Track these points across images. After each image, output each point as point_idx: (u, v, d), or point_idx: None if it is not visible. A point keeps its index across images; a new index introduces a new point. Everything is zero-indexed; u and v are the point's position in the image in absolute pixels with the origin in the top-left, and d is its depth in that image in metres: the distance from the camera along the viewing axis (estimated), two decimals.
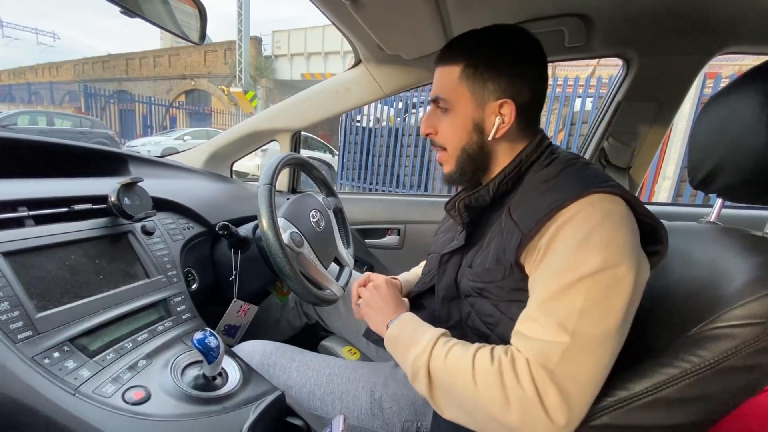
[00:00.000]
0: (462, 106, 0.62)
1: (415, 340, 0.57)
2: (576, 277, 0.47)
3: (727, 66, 4.84)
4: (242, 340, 0.96)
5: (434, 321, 0.80)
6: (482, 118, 0.61)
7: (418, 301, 0.82)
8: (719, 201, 0.69)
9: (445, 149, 0.65)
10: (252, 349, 0.77)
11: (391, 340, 0.62)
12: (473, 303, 0.63)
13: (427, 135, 0.67)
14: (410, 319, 0.63)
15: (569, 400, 0.45)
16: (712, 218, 0.70)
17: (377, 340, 0.88)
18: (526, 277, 0.55)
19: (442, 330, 0.57)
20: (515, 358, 0.48)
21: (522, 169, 0.62)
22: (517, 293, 0.56)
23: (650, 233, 0.54)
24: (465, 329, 0.65)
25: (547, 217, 0.51)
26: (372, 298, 0.71)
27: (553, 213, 0.51)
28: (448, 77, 0.62)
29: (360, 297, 0.75)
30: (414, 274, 0.94)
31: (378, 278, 0.76)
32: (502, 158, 0.64)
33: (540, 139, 0.63)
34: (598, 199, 0.50)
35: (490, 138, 0.61)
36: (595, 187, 0.51)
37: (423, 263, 0.94)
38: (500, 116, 0.60)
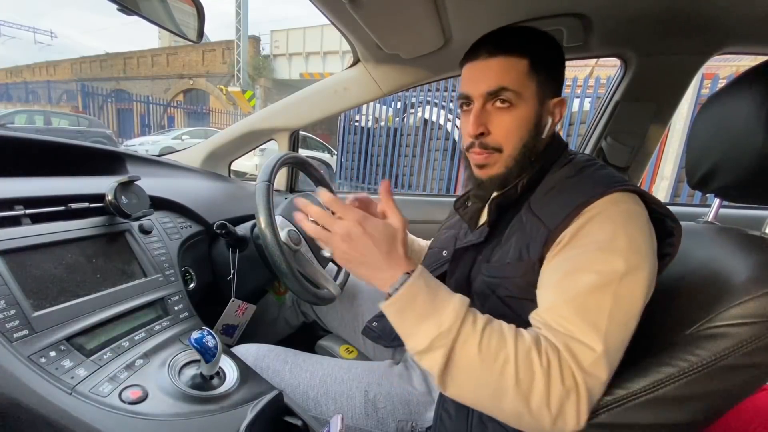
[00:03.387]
0: (529, 101, 0.59)
1: (436, 311, 0.48)
2: (606, 279, 0.47)
3: (725, 66, 4.86)
4: (240, 339, 0.96)
5: None
6: (542, 116, 0.60)
7: None
8: (717, 201, 0.69)
9: (499, 150, 0.61)
10: (245, 352, 0.77)
11: (400, 306, 0.49)
12: (484, 302, 0.61)
13: (479, 135, 0.60)
14: (425, 278, 0.51)
15: (592, 401, 0.46)
16: (710, 218, 0.70)
17: (376, 338, 0.88)
18: None
19: (465, 299, 0.50)
20: (560, 359, 0.46)
21: (545, 168, 0.62)
22: (533, 290, 0.56)
23: (661, 231, 0.55)
24: None
25: (574, 213, 0.52)
26: (351, 248, 0.51)
27: (580, 209, 0.52)
28: (514, 69, 0.58)
29: (322, 240, 0.54)
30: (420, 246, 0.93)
31: (348, 212, 0.52)
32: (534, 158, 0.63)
33: (559, 139, 0.65)
34: (622, 198, 0.52)
35: (543, 136, 0.61)
36: (618, 186, 0.53)
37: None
38: (552, 115, 0.61)
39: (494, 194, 0.66)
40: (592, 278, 0.48)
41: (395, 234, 0.53)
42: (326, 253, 0.54)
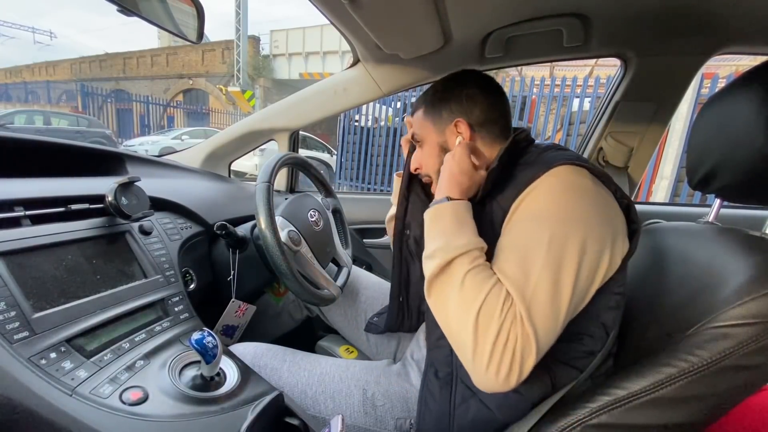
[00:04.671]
0: (429, 137, 0.74)
1: (453, 233, 0.57)
2: (534, 244, 0.52)
3: (725, 66, 4.86)
4: (242, 338, 0.96)
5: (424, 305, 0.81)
6: (445, 140, 0.72)
7: (410, 283, 0.85)
8: (717, 201, 0.69)
9: (430, 177, 0.77)
10: (243, 351, 0.77)
11: (438, 213, 0.60)
12: None
13: (416, 171, 0.79)
14: (466, 211, 0.61)
15: (523, 370, 0.48)
16: (711, 218, 0.70)
17: (380, 331, 0.88)
18: None
19: (481, 244, 0.57)
20: (517, 316, 0.49)
21: (509, 165, 0.67)
22: None
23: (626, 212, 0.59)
24: None
25: (521, 190, 0.57)
26: (464, 165, 0.64)
27: (527, 185, 0.57)
28: (417, 120, 0.77)
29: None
30: None
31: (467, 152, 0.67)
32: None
33: (514, 139, 0.69)
34: (563, 170, 0.56)
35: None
36: (562, 160, 0.57)
37: None
38: (460, 134, 0.70)
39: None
40: (522, 250, 0.52)
41: (473, 175, 0.65)
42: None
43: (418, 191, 0.83)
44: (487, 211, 0.64)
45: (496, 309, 0.49)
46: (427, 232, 0.61)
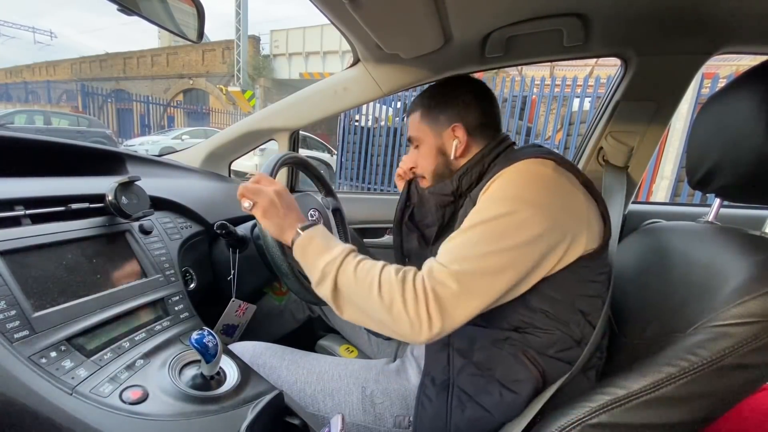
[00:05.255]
0: (426, 140, 0.78)
1: (328, 248, 0.60)
2: (477, 220, 0.56)
3: (725, 66, 4.86)
4: (246, 333, 0.96)
5: None
6: (442, 143, 0.77)
7: None
8: (717, 201, 0.69)
9: (424, 177, 0.81)
10: (241, 350, 0.77)
11: (304, 242, 0.62)
12: None
13: (411, 171, 0.84)
14: (324, 230, 0.65)
15: (445, 309, 0.51)
16: (711, 218, 0.70)
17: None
18: None
19: (353, 247, 0.62)
20: (416, 275, 0.55)
21: (485, 164, 0.72)
22: None
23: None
24: None
25: (489, 182, 0.60)
26: (274, 203, 0.66)
27: (494, 178, 0.60)
28: (413, 122, 0.81)
29: (248, 197, 0.68)
30: None
31: (276, 184, 0.69)
32: None
33: (499, 139, 0.75)
34: (527, 162, 0.59)
35: (452, 157, 0.76)
36: (532, 155, 0.61)
37: None
38: (456, 138, 0.74)
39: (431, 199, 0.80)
40: (471, 221, 0.57)
41: (296, 204, 0.69)
42: (245, 204, 0.67)
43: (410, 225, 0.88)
44: (463, 204, 0.71)
45: (391, 275, 0.54)
46: (305, 263, 0.62)
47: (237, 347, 0.78)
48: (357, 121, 6.37)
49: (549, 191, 0.57)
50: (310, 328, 1.24)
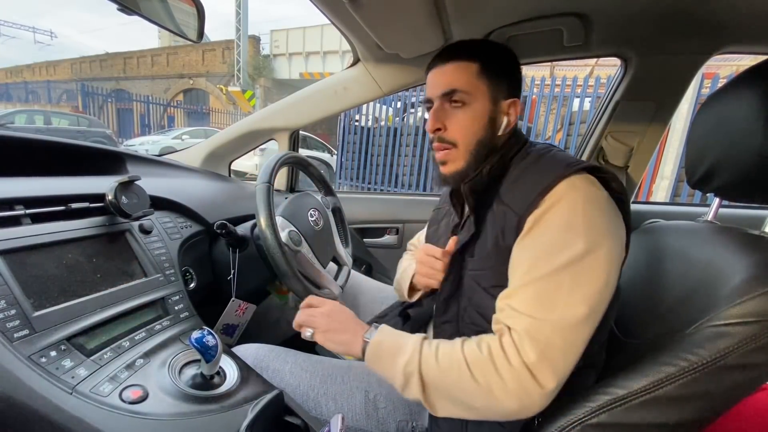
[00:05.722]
0: (480, 100, 0.64)
1: (400, 346, 0.57)
2: (563, 260, 0.51)
3: (725, 66, 4.85)
4: (241, 339, 0.96)
5: (431, 318, 0.80)
6: (496, 114, 0.65)
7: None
8: (717, 200, 0.69)
9: (455, 145, 0.66)
10: (245, 353, 0.77)
11: (375, 350, 0.59)
12: (471, 296, 0.64)
13: (435, 131, 0.66)
14: (387, 328, 0.62)
15: (556, 367, 0.49)
16: (710, 217, 0.70)
17: None
18: None
19: (421, 334, 0.60)
20: (503, 334, 0.52)
21: (506, 159, 0.66)
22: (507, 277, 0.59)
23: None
24: (460, 324, 0.65)
25: (538, 198, 0.55)
26: (330, 321, 0.66)
27: (543, 194, 0.55)
28: (465, 72, 0.64)
29: (306, 325, 0.67)
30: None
31: (324, 302, 0.70)
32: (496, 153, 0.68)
33: (519, 133, 0.69)
34: (580, 182, 0.56)
35: (500, 133, 0.66)
36: (574, 168, 0.56)
37: (406, 262, 0.94)
38: (507, 115, 0.65)
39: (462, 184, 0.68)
40: (553, 262, 0.52)
41: (351, 313, 0.68)
42: (307, 333, 0.67)
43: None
44: (495, 212, 0.62)
45: (476, 353, 0.52)
46: (384, 372, 0.59)
47: (240, 350, 0.78)
48: (357, 121, 6.37)
49: (606, 214, 0.55)
50: None
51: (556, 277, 0.51)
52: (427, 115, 0.69)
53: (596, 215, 0.54)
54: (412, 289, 0.85)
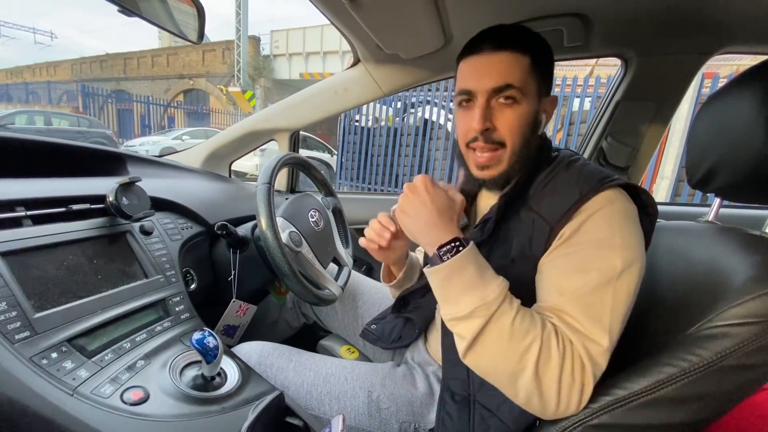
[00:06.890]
0: (530, 98, 0.59)
1: (481, 284, 0.50)
2: (606, 277, 0.50)
3: (725, 66, 4.85)
4: (241, 340, 0.96)
5: (431, 320, 0.80)
6: (538, 112, 0.61)
7: (411, 299, 0.82)
8: (717, 200, 0.69)
9: (503, 145, 0.60)
10: (249, 350, 0.77)
11: (448, 272, 0.51)
12: None
13: (485, 131, 0.59)
14: (474, 253, 0.53)
15: (592, 386, 0.49)
16: (711, 217, 0.70)
17: (375, 340, 0.88)
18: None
19: (505, 282, 0.53)
20: (573, 350, 0.49)
21: (536, 165, 0.63)
22: (531, 287, 0.57)
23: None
24: None
25: (572, 209, 0.55)
26: (422, 205, 0.55)
27: (578, 205, 0.54)
28: (519, 65, 0.57)
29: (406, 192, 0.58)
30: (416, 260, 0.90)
31: (430, 182, 0.57)
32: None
33: (545, 137, 0.66)
34: (615, 196, 0.55)
35: (539, 133, 0.63)
36: (608, 182, 0.56)
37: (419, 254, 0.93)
38: (545, 113, 0.63)
39: (502, 192, 0.65)
40: (594, 277, 0.51)
41: (452, 204, 0.57)
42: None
43: None
44: (523, 219, 0.59)
45: (552, 350, 0.48)
46: (442, 292, 0.53)
47: (245, 347, 0.78)
48: (357, 121, 6.37)
49: (637, 231, 0.55)
50: (311, 329, 1.25)
51: (600, 294, 0.50)
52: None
53: (630, 230, 0.54)
54: (390, 274, 0.85)
